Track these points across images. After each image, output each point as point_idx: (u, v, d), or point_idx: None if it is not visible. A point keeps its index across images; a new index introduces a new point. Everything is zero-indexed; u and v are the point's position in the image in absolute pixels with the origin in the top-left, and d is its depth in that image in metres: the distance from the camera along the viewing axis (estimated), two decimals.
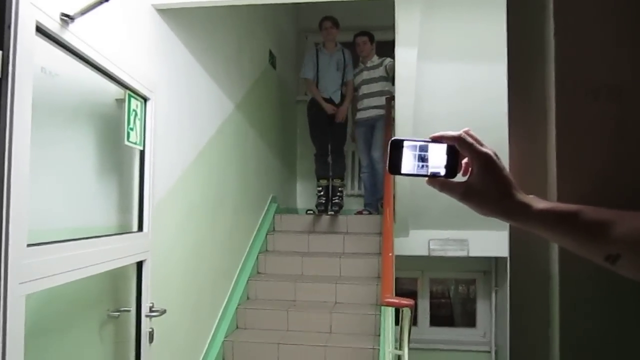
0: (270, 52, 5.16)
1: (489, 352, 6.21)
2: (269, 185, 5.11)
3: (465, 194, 0.71)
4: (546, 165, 0.79)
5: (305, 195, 6.43)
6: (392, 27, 3.17)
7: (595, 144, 0.76)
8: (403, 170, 0.73)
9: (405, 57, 3.19)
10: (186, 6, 2.68)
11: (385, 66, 4.93)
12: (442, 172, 0.73)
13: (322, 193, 5.06)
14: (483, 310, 6.40)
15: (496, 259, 6.01)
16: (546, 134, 0.80)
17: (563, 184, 0.76)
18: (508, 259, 0.86)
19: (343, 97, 5.10)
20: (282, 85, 5.65)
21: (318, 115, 5.01)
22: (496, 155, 0.70)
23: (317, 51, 5.11)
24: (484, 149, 0.70)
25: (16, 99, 1.21)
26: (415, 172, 0.73)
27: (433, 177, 0.73)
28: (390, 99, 4.74)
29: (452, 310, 6.82)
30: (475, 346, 6.30)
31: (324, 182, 5.09)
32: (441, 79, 3.61)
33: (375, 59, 5.05)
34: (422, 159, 0.73)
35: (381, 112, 4.92)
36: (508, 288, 0.85)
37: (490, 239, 4.86)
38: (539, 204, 0.68)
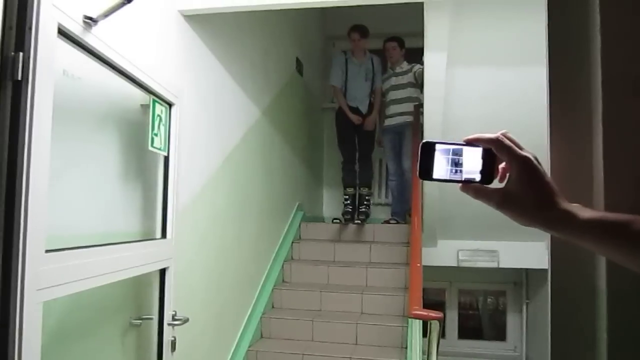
0: (297, 59, 5.14)
1: None
2: (295, 193, 5.08)
3: (502, 202, 0.65)
4: (592, 170, 0.73)
5: (331, 203, 6.37)
6: (421, 34, 3.11)
7: None
8: (435, 176, 0.67)
9: (434, 62, 3.13)
10: (212, 12, 2.67)
11: (415, 72, 4.86)
12: (477, 177, 0.67)
13: (348, 202, 5.00)
14: (513, 323, 6.23)
15: (527, 270, 5.85)
16: (591, 136, 0.73)
17: (611, 191, 0.70)
18: (549, 272, 0.79)
19: (371, 105, 5.03)
20: (308, 92, 5.62)
21: (346, 124, 4.96)
22: (537, 159, 0.64)
23: (347, 60, 5.07)
24: (523, 153, 0.64)
25: (36, 102, 1.19)
26: (448, 178, 0.67)
27: (467, 183, 0.67)
28: (418, 106, 4.66)
29: (480, 322, 6.66)
30: None
31: (350, 190, 5.03)
32: (471, 83, 3.53)
33: (405, 65, 4.98)
34: (456, 163, 0.67)
35: (409, 119, 4.84)
36: (549, 305, 0.78)
37: (521, 250, 4.73)
38: (584, 213, 0.61)
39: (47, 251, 1.25)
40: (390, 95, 5.03)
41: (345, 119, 4.94)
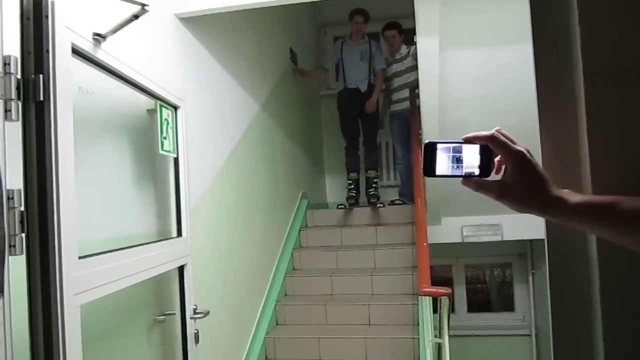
0: (291, 50, 5.19)
1: (529, 335, 6.16)
2: (299, 182, 5.16)
3: (501, 192, 0.73)
4: (579, 156, 0.80)
5: (334, 189, 6.46)
6: (413, 15, 3.16)
7: (627, 130, 0.77)
8: (438, 172, 0.75)
9: (427, 46, 3.18)
10: (207, 13, 2.72)
11: (412, 55, 4.90)
12: (476, 172, 0.75)
13: (352, 186, 5.07)
14: (521, 293, 6.34)
15: (531, 241, 5.95)
16: (577, 125, 0.80)
17: (597, 174, 0.76)
18: (545, 244, 0.87)
19: (372, 87, 5.06)
20: (304, 81, 5.67)
21: (348, 108, 5.02)
22: (529, 152, 0.72)
23: (342, 43, 5.11)
24: (517, 147, 0.71)
25: (59, 120, 1.27)
26: (449, 173, 0.75)
27: (468, 177, 0.75)
28: (414, 88, 4.73)
29: (489, 295, 6.78)
30: (514, 330, 6.25)
31: (354, 175, 5.10)
32: (463, 65, 3.59)
33: (403, 50, 5.04)
34: (456, 160, 0.74)
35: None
36: (547, 273, 0.87)
37: (523, 222, 4.80)
38: (574, 197, 0.68)
39: (79, 257, 1.33)
40: (394, 83, 5.10)
41: (346, 103, 5.00)
